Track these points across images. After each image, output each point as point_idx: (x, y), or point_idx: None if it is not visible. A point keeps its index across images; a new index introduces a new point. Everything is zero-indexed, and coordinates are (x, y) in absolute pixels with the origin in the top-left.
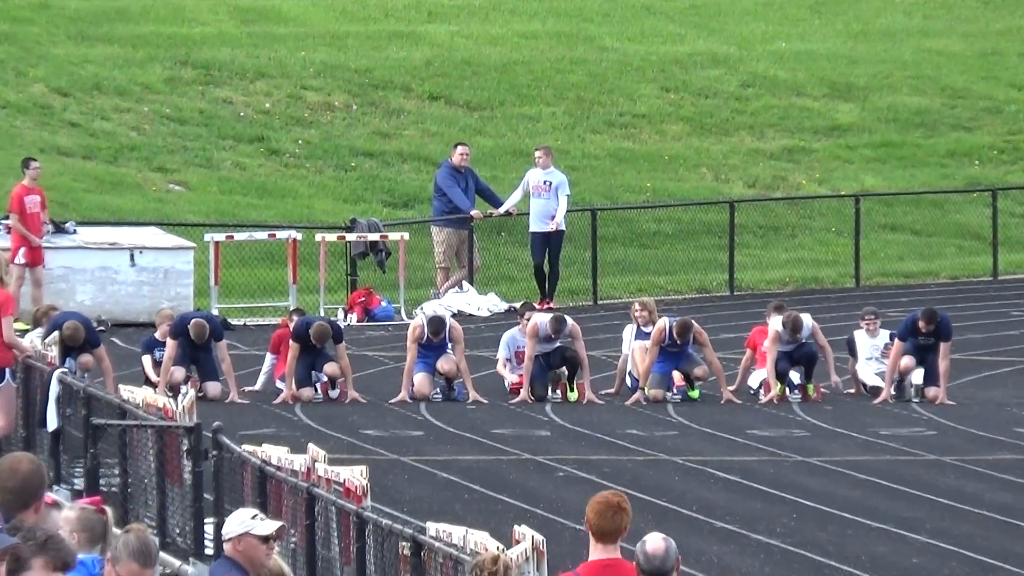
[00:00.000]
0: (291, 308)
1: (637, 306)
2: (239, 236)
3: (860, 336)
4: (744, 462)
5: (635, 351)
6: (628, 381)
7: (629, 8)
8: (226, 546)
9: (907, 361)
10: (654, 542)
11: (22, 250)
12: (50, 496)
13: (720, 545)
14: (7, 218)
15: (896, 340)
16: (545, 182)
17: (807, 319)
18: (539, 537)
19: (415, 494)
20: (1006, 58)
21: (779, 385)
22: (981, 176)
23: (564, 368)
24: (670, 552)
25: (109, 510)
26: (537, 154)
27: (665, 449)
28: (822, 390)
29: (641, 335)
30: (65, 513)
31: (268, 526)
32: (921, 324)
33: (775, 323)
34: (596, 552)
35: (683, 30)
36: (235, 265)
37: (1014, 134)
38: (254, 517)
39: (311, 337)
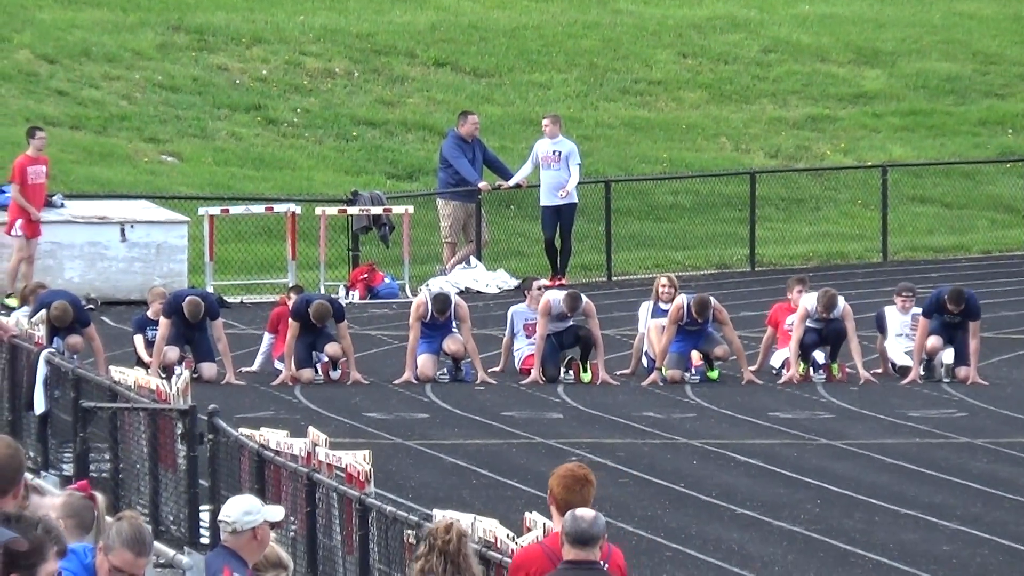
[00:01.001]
0: (290, 285)
1: (664, 281)
2: (235, 210)
3: (891, 312)
4: (766, 445)
5: (651, 330)
6: (644, 361)
7: None
8: (237, 537)
9: (934, 342)
10: (583, 509)
11: (19, 222)
12: (26, 480)
13: (741, 532)
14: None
15: (921, 317)
16: (554, 152)
17: (841, 300)
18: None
19: (421, 479)
20: None
21: (802, 364)
22: (1014, 145)
23: (576, 348)
24: (598, 520)
25: (100, 496)
26: (544, 123)
27: (683, 432)
28: (847, 370)
29: (658, 313)
30: (52, 500)
31: (277, 511)
32: (949, 306)
33: (806, 300)
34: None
35: None
36: (231, 240)
37: None
38: (262, 505)
39: (311, 316)
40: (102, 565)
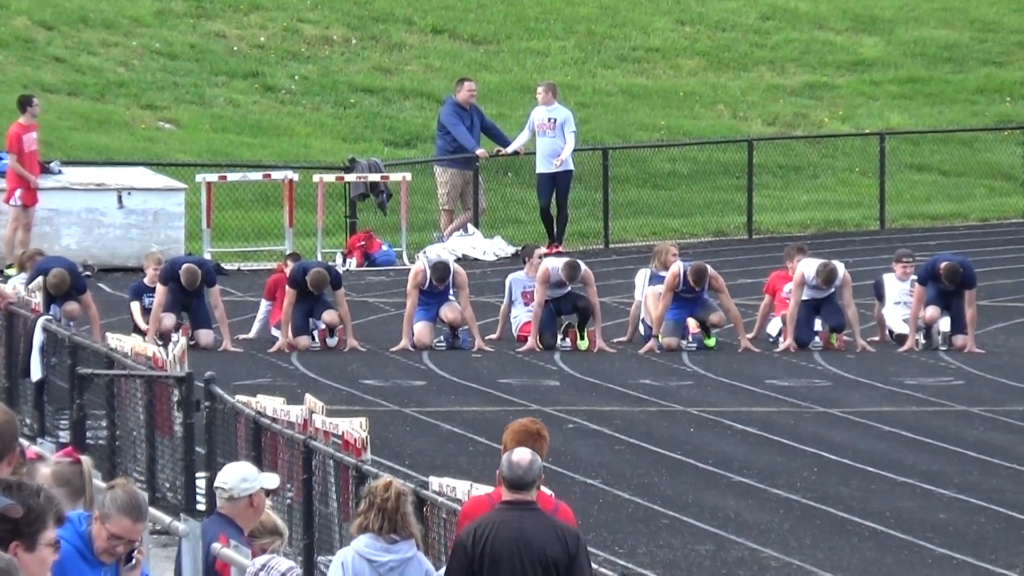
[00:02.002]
0: (287, 252)
1: (675, 250)
2: (232, 176)
3: (889, 280)
4: (763, 413)
5: (648, 297)
6: (641, 329)
7: None
8: (233, 504)
9: (932, 312)
10: (520, 452)
11: (19, 191)
12: (34, 450)
13: (738, 500)
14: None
15: (917, 284)
16: (549, 119)
17: (841, 269)
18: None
19: (417, 447)
20: None
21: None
22: (1012, 113)
23: (574, 315)
24: (534, 464)
25: (85, 459)
26: (538, 91)
27: (680, 400)
28: (844, 338)
29: (656, 280)
30: (42, 470)
31: (273, 478)
32: (945, 282)
33: (804, 266)
34: None
35: None
36: (228, 207)
37: None
38: (258, 472)
39: (308, 283)
40: (99, 533)
